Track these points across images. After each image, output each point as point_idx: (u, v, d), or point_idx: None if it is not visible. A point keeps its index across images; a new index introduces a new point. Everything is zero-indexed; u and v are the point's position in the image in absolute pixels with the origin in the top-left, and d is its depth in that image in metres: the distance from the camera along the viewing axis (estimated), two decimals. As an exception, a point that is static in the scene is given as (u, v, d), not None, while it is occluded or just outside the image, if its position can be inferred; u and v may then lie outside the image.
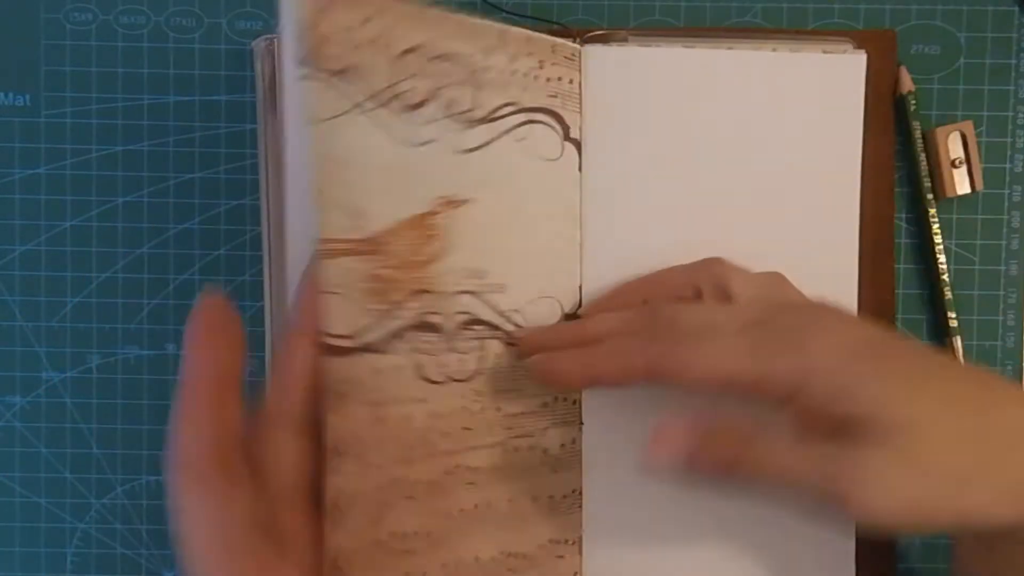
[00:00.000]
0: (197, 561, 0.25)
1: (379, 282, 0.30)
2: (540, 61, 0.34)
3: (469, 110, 0.33)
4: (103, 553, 0.39)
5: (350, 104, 0.30)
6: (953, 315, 0.38)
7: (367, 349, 0.30)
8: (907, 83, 0.38)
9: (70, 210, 0.38)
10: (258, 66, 0.35)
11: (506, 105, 0.34)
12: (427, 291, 0.31)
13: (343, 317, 0.29)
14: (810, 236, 0.37)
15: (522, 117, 0.34)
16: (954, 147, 0.38)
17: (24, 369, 0.39)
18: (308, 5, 0.29)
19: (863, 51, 0.37)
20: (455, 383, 0.32)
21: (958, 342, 0.38)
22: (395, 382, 0.30)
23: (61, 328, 0.39)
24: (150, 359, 0.39)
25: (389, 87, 0.31)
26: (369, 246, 0.30)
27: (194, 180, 0.38)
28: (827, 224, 0.37)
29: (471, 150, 0.33)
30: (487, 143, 0.33)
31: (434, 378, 0.32)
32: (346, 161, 0.29)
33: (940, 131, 0.38)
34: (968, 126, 0.38)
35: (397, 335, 0.30)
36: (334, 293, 0.29)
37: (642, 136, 0.36)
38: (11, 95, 0.38)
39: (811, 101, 0.37)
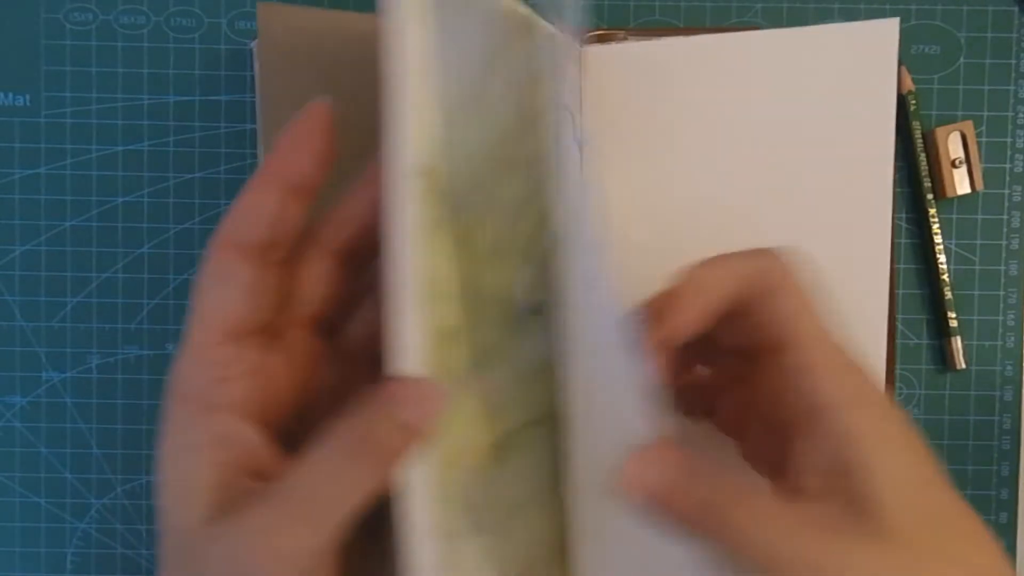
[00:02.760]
0: (193, 330, 0.25)
1: None
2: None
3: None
4: (103, 553, 0.39)
5: None
6: (953, 315, 0.38)
7: None
8: (907, 83, 0.38)
9: (70, 210, 0.38)
10: (257, 66, 0.35)
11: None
12: None
13: None
14: (830, 238, 0.35)
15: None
16: (954, 147, 0.38)
17: (24, 369, 0.39)
18: None
19: (896, 18, 0.35)
20: None
21: (958, 342, 0.38)
22: None
23: (61, 328, 0.39)
24: (150, 359, 0.39)
25: None
26: None
27: (194, 180, 0.38)
28: (853, 217, 0.35)
29: None
30: None
31: None
32: None
33: (940, 131, 0.38)
34: (968, 126, 0.38)
35: None
36: None
37: (643, 135, 0.36)
38: (11, 95, 0.38)
39: (827, 81, 0.35)
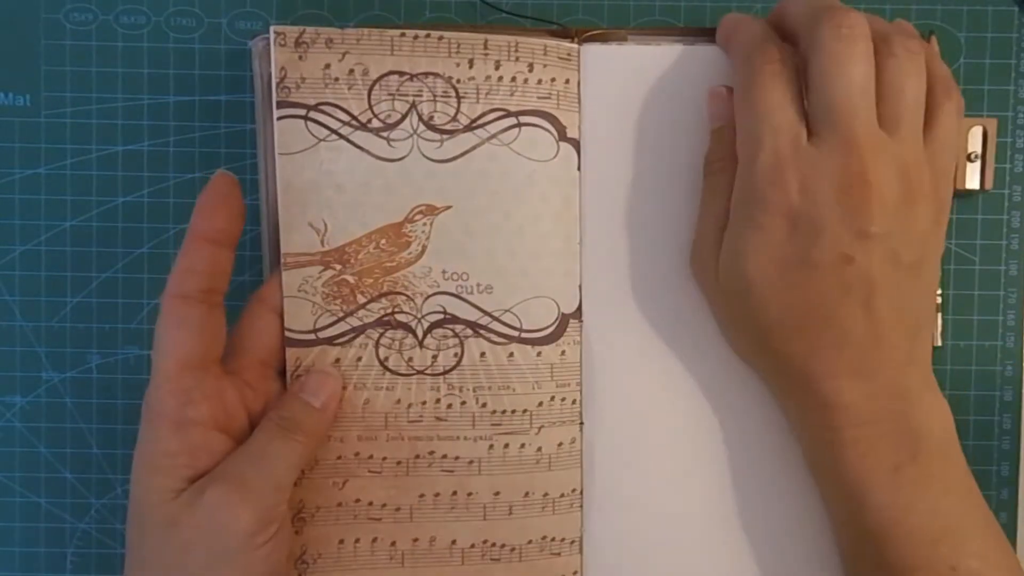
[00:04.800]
0: (158, 365, 0.31)
1: (344, 287, 0.34)
2: (529, 64, 0.35)
3: (450, 120, 0.34)
4: (103, 553, 0.39)
5: (325, 133, 0.34)
6: (939, 291, 0.38)
7: (327, 342, 0.34)
8: (907, 83, 0.38)
9: (70, 210, 0.38)
10: (257, 66, 0.35)
11: (491, 111, 0.34)
12: (398, 292, 0.35)
13: (303, 316, 0.34)
14: None
15: (510, 121, 0.35)
16: (973, 141, 0.37)
17: (24, 369, 0.39)
18: (285, 54, 0.33)
19: None
20: (426, 376, 0.35)
21: (937, 318, 0.38)
22: (355, 370, 0.35)
23: (61, 328, 0.39)
24: (150, 359, 0.38)
25: (366, 110, 0.34)
26: (333, 256, 0.34)
27: (194, 180, 0.38)
28: None
29: (452, 159, 0.34)
30: (470, 150, 0.34)
31: (400, 370, 0.35)
32: (314, 185, 0.34)
33: (963, 121, 0.37)
34: (992, 123, 0.37)
35: (359, 331, 0.35)
36: (295, 297, 0.34)
37: (642, 135, 0.36)
38: (11, 95, 0.38)
39: None
